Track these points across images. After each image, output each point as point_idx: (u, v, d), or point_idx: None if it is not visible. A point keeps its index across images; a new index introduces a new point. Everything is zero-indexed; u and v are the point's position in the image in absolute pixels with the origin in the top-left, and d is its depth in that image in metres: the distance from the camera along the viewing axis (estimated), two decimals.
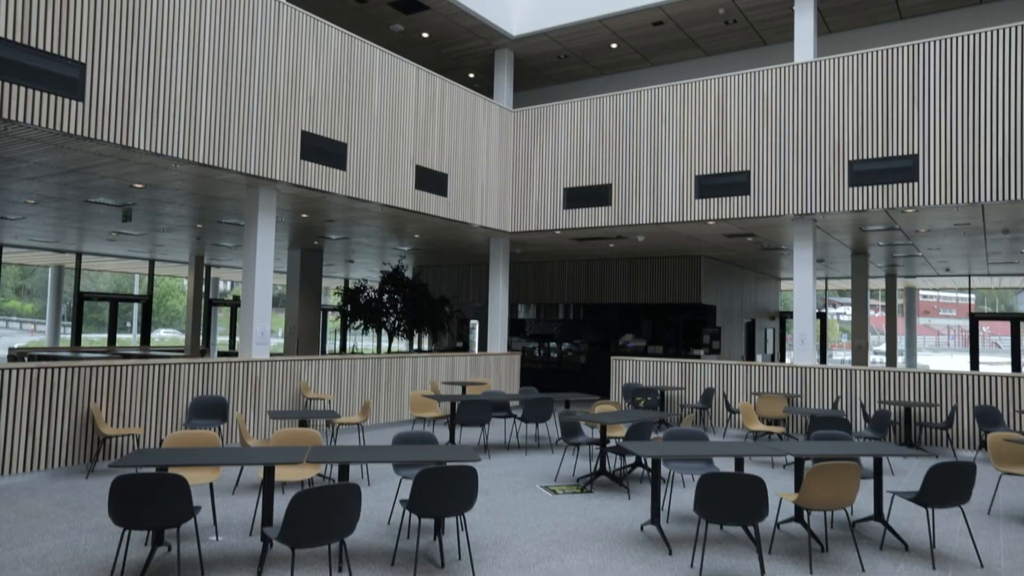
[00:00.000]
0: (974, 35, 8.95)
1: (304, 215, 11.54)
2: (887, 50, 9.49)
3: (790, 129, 10.18)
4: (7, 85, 6.18)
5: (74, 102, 6.66)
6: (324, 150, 9.24)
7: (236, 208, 11.04)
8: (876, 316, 23.61)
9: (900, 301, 22.55)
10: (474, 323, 19.79)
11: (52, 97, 6.50)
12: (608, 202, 11.69)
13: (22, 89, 6.28)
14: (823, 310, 23.57)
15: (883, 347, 20.55)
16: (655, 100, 11.35)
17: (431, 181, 11.03)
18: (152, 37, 7.33)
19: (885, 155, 9.47)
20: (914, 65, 9.32)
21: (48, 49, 6.49)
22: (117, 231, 14.16)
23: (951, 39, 9.09)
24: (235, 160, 8.15)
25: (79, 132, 6.72)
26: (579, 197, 12.01)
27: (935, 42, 9.20)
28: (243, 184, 9.07)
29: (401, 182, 10.50)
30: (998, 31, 8.81)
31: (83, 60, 6.73)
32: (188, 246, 16.90)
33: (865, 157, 9.59)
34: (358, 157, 9.77)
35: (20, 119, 6.28)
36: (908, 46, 9.36)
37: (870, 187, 9.55)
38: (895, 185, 9.38)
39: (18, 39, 6.28)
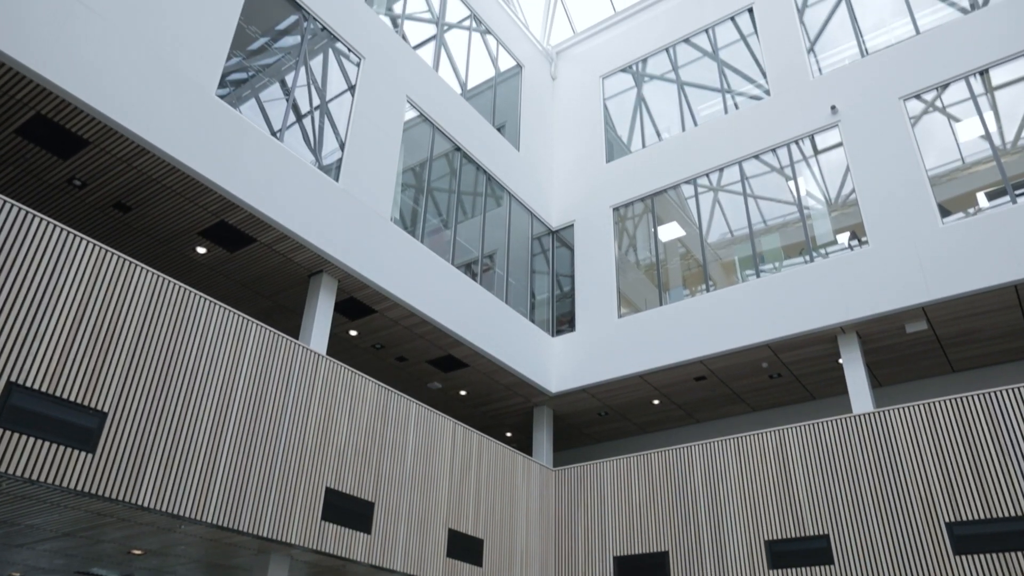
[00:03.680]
0: None
1: None
2: (960, 398, 8.85)
3: (866, 486, 9.11)
4: (15, 437, 5.66)
5: (84, 454, 6.07)
6: (349, 510, 8.30)
7: None
8: None
9: None
10: None
11: (60, 448, 5.92)
12: (667, 574, 10.13)
13: (29, 441, 5.74)
14: None
15: None
16: (708, 455, 10.53)
17: (465, 548, 9.77)
18: (182, 386, 7.02)
19: (988, 516, 8.22)
20: (994, 413, 8.58)
21: (74, 399, 6.12)
22: None
23: None
24: (249, 521, 7.21)
25: (84, 488, 5.99)
26: (632, 568, 10.47)
27: (1014, 389, 8.58)
28: (254, 550, 7.97)
29: (431, 548, 9.27)
30: None
31: (105, 409, 6.32)
32: None
33: (964, 519, 8.33)
34: (386, 518, 8.76)
35: (19, 474, 5.63)
36: (983, 394, 8.73)
37: (980, 556, 8.10)
38: (1013, 555, 7.94)
39: (47, 389, 5.95)
